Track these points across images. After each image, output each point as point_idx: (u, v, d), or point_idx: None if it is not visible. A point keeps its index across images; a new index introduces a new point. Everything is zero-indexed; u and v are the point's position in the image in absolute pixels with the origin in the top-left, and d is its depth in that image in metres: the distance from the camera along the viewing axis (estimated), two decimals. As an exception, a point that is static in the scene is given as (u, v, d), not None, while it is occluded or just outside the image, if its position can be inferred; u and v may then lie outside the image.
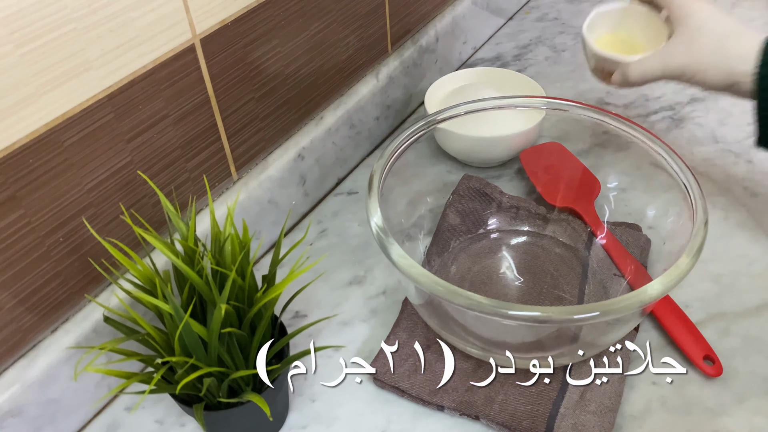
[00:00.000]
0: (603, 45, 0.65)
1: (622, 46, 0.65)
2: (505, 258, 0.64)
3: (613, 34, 0.66)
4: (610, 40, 0.66)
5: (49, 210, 0.46)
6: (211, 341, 0.44)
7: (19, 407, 0.47)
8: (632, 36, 0.66)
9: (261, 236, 0.66)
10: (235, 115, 0.60)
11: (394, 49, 0.80)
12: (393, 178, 0.58)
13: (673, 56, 0.58)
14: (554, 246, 0.64)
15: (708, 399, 0.52)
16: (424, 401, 0.53)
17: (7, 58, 0.40)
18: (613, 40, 0.66)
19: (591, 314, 0.44)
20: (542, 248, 0.64)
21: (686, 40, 0.57)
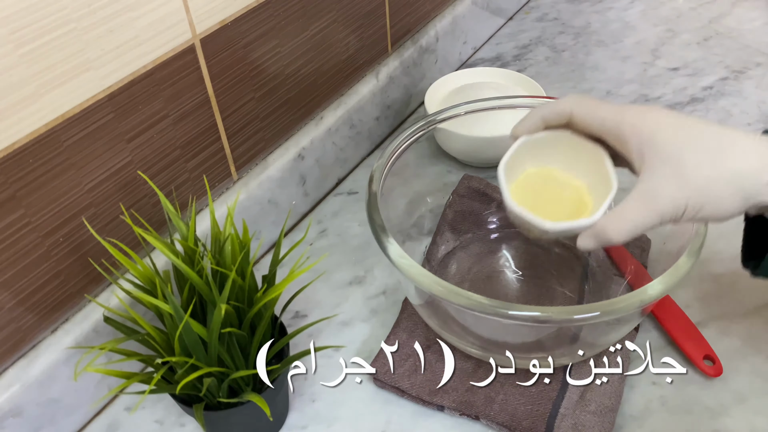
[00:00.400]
0: (526, 194, 0.49)
1: (555, 185, 0.51)
2: (505, 258, 0.64)
3: (540, 170, 0.51)
4: (538, 183, 0.51)
5: (49, 210, 0.46)
6: (211, 341, 0.44)
7: (19, 407, 0.47)
8: (568, 169, 0.50)
9: (261, 236, 0.66)
10: (235, 115, 0.60)
11: (394, 49, 0.80)
12: (393, 178, 0.58)
13: (662, 197, 0.41)
14: (554, 246, 0.64)
15: (708, 399, 0.52)
16: (424, 401, 0.53)
17: (7, 58, 0.40)
18: (542, 180, 0.51)
19: (591, 314, 0.44)
20: (542, 248, 0.64)
21: (672, 172, 0.41)
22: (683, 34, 0.96)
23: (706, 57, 0.91)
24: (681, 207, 0.41)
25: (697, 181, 0.41)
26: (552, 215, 0.47)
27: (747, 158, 0.40)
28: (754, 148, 0.41)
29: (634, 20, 1.01)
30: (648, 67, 0.90)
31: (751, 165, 0.40)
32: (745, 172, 0.40)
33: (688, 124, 0.42)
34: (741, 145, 0.41)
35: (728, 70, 0.88)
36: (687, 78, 0.87)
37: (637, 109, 0.44)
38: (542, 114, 0.47)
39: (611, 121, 0.44)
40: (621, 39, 0.97)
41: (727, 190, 0.41)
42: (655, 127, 0.42)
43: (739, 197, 0.41)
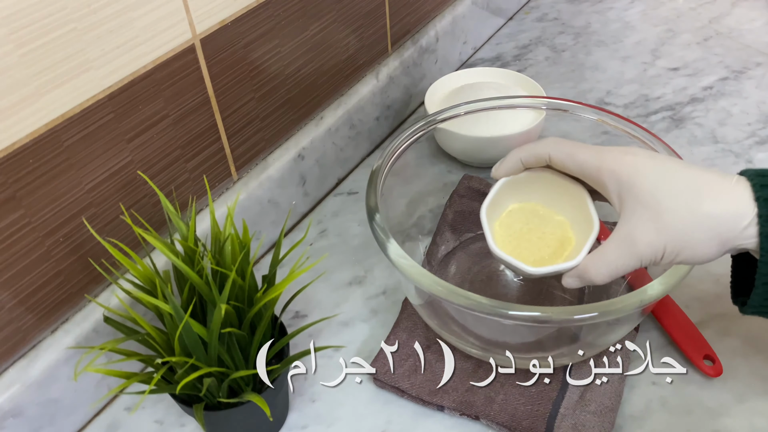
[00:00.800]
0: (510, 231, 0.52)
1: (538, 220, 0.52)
2: (505, 258, 0.64)
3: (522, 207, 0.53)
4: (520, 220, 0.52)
5: (49, 210, 0.46)
6: (211, 341, 0.44)
7: (19, 407, 0.47)
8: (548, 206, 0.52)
9: (261, 236, 0.66)
10: (235, 115, 0.60)
11: (394, 49, 0.80)
12: (393, 178, 0.58)
13: (640, 242, 0.42)
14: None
15: (708, 399, 0.52)
16: (424, 401, 0.53)
17: (7, 58, 0.40)
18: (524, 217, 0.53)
19: (591, 314, 0.44)
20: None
21: (649, 217, 0.41)
22: (683, 34, 0.96)
23: (706, 57, 0.91)
24: (659, 251, 0.42)
25: (675, 227, 0.41)
26: (537, 252, 0.50)
27: (722, 203, 0.40)
28: (729, 191, 0.41)
29: (634, 20, 1.01)
30: (648, 67, 0.90)
31: (727, 210, 0.40)
32: (721, 218, 0.40)
33: (664, 167, 0.43)
34: (717, 189, 0.41)
35: (728, 70, 0.88)
36: (687, 78, 0.87)
37: (615, 152, 0.44)
38: (521, 156, 0.49)
39: (590, 166, 0.45)
40: (621, 39, 0.97)
41: (705, 236, 0.41)
42: (633, 171, 0.43)
43: (716, 242, 0.41)
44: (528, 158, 0.49)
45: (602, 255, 0.44)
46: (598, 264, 0.44)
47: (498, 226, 0.52)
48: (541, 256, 0.50)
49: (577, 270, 0.46)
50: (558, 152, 0.47)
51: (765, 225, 0.39)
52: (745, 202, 0.40)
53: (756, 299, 0.42)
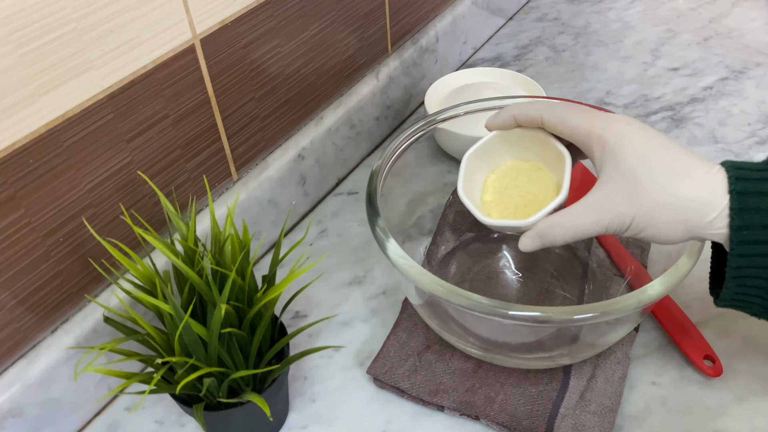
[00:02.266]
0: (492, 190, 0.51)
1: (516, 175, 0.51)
2: (504, 258, 0.64)
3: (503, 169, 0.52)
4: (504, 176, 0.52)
5: (49, 210, 0.46)
6: (211, 341, 0.44)
7: (19, 407, 0.47)
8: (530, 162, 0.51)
9: (261, 236, 0.66)
10: (235, 115, 0.60)
11: (394, 49, 0.80)
12: (393, 178, 0.58)
13: (610, 210, 0.42)
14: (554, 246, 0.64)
15: (708, 399, 0.52)
16: (424, 401, 0.53)
17: (7, 58, 0.40)
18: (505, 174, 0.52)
19: (591, 314, 0.44)
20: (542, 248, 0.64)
21: (624, 188, 0.41)
22: (683, 34, 0.96)
23: (706, 57, 0.91)
24: (626, 223, 0.42)
25: (646, 203, 0.41)
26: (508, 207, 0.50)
27: (697, 191, 0.40)
28: (708, 180, 0.41)
29: (634, 20, 1.01)
30: (648, 67, 0.90)
31: (699, 198, 0.40)
32: (693, 205, 0.40)
33: (650, 141, 0.42)
34: (696, 175, 0.41)
35: (728, 70, 0.88)
36: (687, 78, 0.87)
37: (606, 118, 0.44)
38: (515, 114, 0.49)
39: (580, 131, 0.45)
40: (621, 39, 0.97)
41: (672, 219, 0.41)
42: (620, 140, 0.42)
43: (682, 228, 0.41)
44: (521, 117, 0.48)
45: (568, 216, 0.44)
46: (565, 225, 0.44)
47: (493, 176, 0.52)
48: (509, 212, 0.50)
49: (536, 230, 0.45)
50: (551, 116, 0.46)
51: (735, 218, 0.39)
52: (719, 193, 0.40)
53: (727, 293, 0.42)
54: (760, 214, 0.39)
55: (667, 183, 0.41)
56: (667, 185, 0.41)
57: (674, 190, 0.41)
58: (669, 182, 0.41)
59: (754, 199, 0.39)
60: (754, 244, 0.40)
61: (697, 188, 0.40)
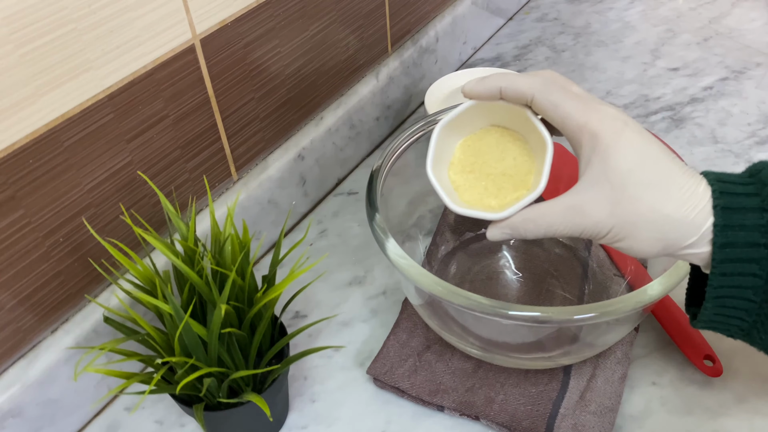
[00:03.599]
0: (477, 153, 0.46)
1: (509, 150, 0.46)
2: (504, 258, 0.64)
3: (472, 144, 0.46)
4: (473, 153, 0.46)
5: (49, 210, 0.46)
6: (211, 341, 0.44)
7: (19, 407, 0.47)
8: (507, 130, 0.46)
9: (261, 236, 0.66)
10: (235, 116, 0.60)
11: (394, 49, 0.80)
12: (393, 178, 0.58)
13: (589, 216, 0.39)
14: (554, 246, 0.64)
15: (708, 399, 0.52)
16: (424, 401, 0.53)
17: (7, 58, 0.40)
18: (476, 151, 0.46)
19: (591, 314, 0.44)
20: (542, 248, 0.64)
21: (608, 196, 0.38)
22: (683, 34, 0.96)
23: (706, 57, 0.91)
24: (603, 232, 0.39)
25: (629, 216, 0.38)
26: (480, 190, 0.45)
27: (683, 210, 0.38)
28: (694, 201, 0.38)
29: (634, 20, 1.01)
30: (648, 68, 0.90)
31: (684, 219, 0.38)
32: (675, 225, 0.38)
33: (645, 148, 0.39)
34: (685, 193, 0.38)
35: (728, 70, 0.88)
36: (687, 78, 0.87)
37: (601, 114, 0.40)
38: (501, 86, 0.43)
39: (572, 122, 0.40)
40: (621, 39, 0.97)
41: (652, 235, 0.39)
42: (614, 142, 0.39)
43: (660, 245, 0.39)
44: (508, 92, 0.42)
45: (543, 216, 0.41)
46: (538, 222, 0.41)
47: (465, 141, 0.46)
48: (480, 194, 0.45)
49: (509, 222, 0.42)
50: (543, 98, 0.41)
51: (719, 235, 0.37)
52: (702, 214, 0.38)
53: (705, 314, 0.40)
54: (745, 231, 0.37)
55: (655, 199, 0.38)
56: (655, 202, 0.38)
57: (661, 207, 0.38)
58: (657, 199, 0.38)
59: (738, 216, 0.37)
60: (737, 263, 0.37)
61: (683, 207, 0.38)
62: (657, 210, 0.38)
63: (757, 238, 0.37)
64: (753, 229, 0.37)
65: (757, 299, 0.38)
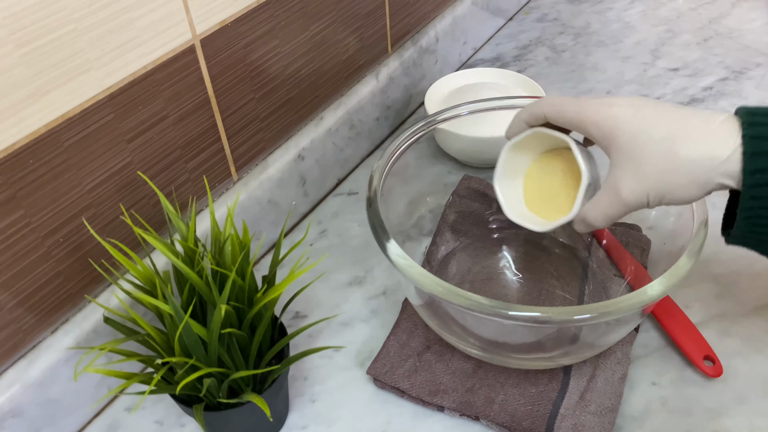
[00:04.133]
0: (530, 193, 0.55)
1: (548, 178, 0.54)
2: (504, 258, 0.64)
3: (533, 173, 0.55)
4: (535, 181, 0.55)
5: (49, 210, 0.46)
6: (211, 342, 0.44)
7: (19, 407, 0.47)
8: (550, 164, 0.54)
9: (261, 236, 0.66)
10: (235, 116, 0.60)
11: (394, 49, 0.80)
12: (393, 178, 0.58)
13: (624, 191, 0.44)
14: (554, 246, 0.64)
15: (708, 399, 0.52)
16: (424, 401, 0.53)
17: (7, 58, 0.40)
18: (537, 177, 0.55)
19: (591, 315, 0.44)
20: (542, 248, 0.64)
21: (631, 167, 0.44)
22: (683, 34, 0.96)
23: (706, 57, 0.91)
24: (644, 197, 0.44)
25: (653, 175, 0.43)
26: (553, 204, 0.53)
27: (699, 148, 0.42)
28: (708, 135, 0.42)
29: (634, 21, 1.01)
30: (648, 68, 0.90)
31: (703, 154, 0.42)
32: (697, 162, 0.42)
33: (644, 117, 0.44)
34: (695, 134, 0.42)
35: (728, 70, 0.88)
36: (687, 78, 0.87)
37: (597, 106, 0.46)
38: (523, 118, 0.51)
39: (576, 121, 0.47)
40: (621, 39, 0.97)
41: (683, 180, 0.43)
42: (613, 124, 0.44)
43: (695, 185, 0.43)
44: (529, 119, 0.50)
45: (596, 204, 0.47)
46: (595, 212, 0.47)
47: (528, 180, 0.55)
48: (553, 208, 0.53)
49: (580, 217, 0.49)
50: (551, 110, 0.49)
51: (749, 162, 0.40)
52: (722, 143, 0.41)
53: (738, 231, 0.44)
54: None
55: (668, 150, 0.42)
56: (669, 152, 0.42)
57: (677, 154, 0.42)
58: (669, 148, 0.42)
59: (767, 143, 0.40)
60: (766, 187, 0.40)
61: (699, 146, 0.42)
62: (672, 158, 0.42)
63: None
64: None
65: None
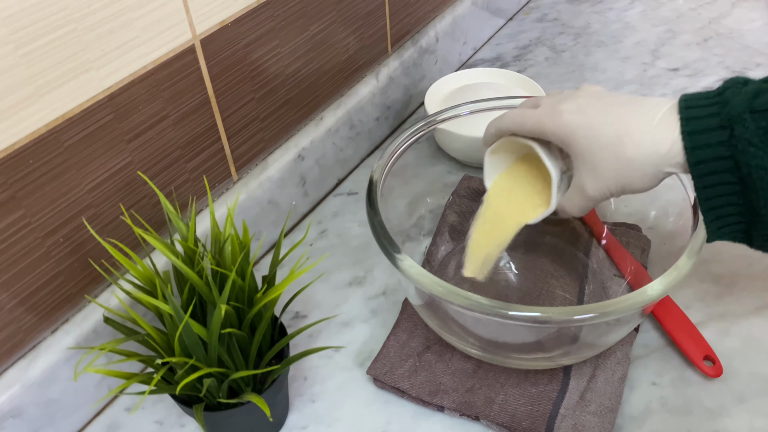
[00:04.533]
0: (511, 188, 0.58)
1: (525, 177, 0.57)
2: (504, 258, 0.64)
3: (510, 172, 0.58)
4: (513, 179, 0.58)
5: (49, 210, 0.46)
6: (211, 342, 0.44)
7: (19, 408, 0.47)
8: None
9: (261, 237, 0.66)
10: (235, 116, 0.60)
11: (394, 49, 0.80)
12: (393, 178, 0.58)
13: (588, 189, 0.49)
14: (554, 246, 0.64)
15: (708, 399, 0.52)
16: (424, 402, 0.53)
17: (7, 58, 0.40)
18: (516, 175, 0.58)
19: (590, 315, 0.44)
20: (542, 249, 0.64)
21: (587, 169, 0.48)
22: (683, 34, 0.96)
23: (706, 57, 0.91)
24: (606, 192, 0.48)
25: (610, 174, 0.47)
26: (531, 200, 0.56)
27: (641, 148, 0.45)
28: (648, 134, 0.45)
29: (634, 21, 1.01)
30: (648, 68, 0.90)
31: (646, 152, 0.45)
32: (643, 160, 0.45)
33: (590, 121, 0.47)
34: (637, 134, 0.45)
35: (728, 70, 0.88)
36: (687, 78, 0.87)
37: (551, 115, 0.49)
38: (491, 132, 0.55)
39: (538, 132, 0.51)
40: (621, 39, 0.97)
41: (635, 175, 0.46)
42: (569, 132, 0.48)
43: (647, 177, 0.46)
44: (497, 132, 0.55)
45: (569, 199, 0.52)
46: (569, 205, 0.52)
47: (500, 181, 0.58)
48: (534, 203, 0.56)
49: (560, 209, 0.53)
50: (513, 125, 0.53)
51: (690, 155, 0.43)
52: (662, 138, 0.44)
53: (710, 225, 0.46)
54: (711, 148, 0.42)
55: (617, 152, 0.46)
56: (618, 153, 0.46)
57: (624, 155, 0.46)
58: (618, 151, 0.46)
59: (704, 136, 0.43)
60: (711, 175, 0.43)
61: (641, 146, 0.45)
62: (621, 158, 0.46)
63: (722, 152, 0.42)
64: (716, 146, 0.42)
65: (740, 201, 0.43)
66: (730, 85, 0.44)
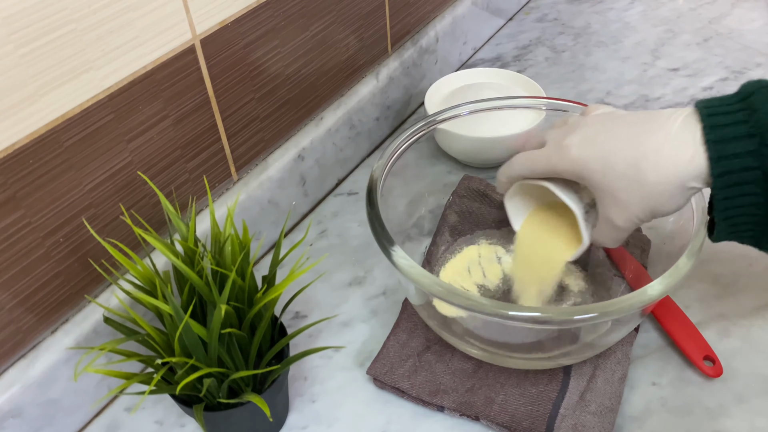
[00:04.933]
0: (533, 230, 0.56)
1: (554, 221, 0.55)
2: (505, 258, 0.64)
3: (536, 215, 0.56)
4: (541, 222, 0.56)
5: (49, 210, 0.46)
6: (211, 342, 0.44)
7: (19, 408, 0.47)
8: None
9: (261, 237, 0.66)
10: (235, 116, 0.60)
11: (394, 49, 0.80)
12: (393, 178, 0.58)
13: (616, 220, 0.46)
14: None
15: (708, 399, 0.52)
16: (424, 402, 0.53)
17: (7, 58, 0.40)
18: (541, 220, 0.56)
19: (590, 315, 0.44)
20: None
21: (610, 202, 0.46)
22: (683, 34, 0.96)
23: (706, 57, 0.91)
24: (636, 220, 0.46)
25: (634, 202, 0.45)
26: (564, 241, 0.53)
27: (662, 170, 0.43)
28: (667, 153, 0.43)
29: (634, 21, 1.01)
30: (648, 68, 0.90)
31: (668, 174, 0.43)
32: (667, 182, 0.43)
33: (603, 151, 0.45)
34: (655, 156, 0.43)
35: (728, 70, 0.88)
36: (687, 78, 0.87)
37: (559, 153, 0.47)
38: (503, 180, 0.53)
39: (550, 173, 0.48)
40: (621, 39, 0.97)
41: (661, 198, 0.44)
42: (581, 166, 0.46)
43: (675, 198, 0.44)
44: (508, 181, 0.53)
45: (601, 232, 0.49)
46: (602, 237, 0.49)
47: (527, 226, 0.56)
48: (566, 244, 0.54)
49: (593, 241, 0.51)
50: (523, 170, 0.51)
51: (715, 166, 0.41)
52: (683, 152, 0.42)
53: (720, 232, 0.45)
54: (739, 158, 0.41)
55: (636, 179, 0.44)
56: (638, 180, 0.44)
57: (646, 180, 0.43)
58: (637, 178, 0.44)
59: (731, 146, 0.41)
60: (735, 186, 0.41)
61: (661, 168, 0.43)
62: (643, 184, 0.44)
63: (750, 163, 0.40)
64: (745, 155, 0.40)
65: (760, 212, 0.42)
66: (753, 89, 0.41)
